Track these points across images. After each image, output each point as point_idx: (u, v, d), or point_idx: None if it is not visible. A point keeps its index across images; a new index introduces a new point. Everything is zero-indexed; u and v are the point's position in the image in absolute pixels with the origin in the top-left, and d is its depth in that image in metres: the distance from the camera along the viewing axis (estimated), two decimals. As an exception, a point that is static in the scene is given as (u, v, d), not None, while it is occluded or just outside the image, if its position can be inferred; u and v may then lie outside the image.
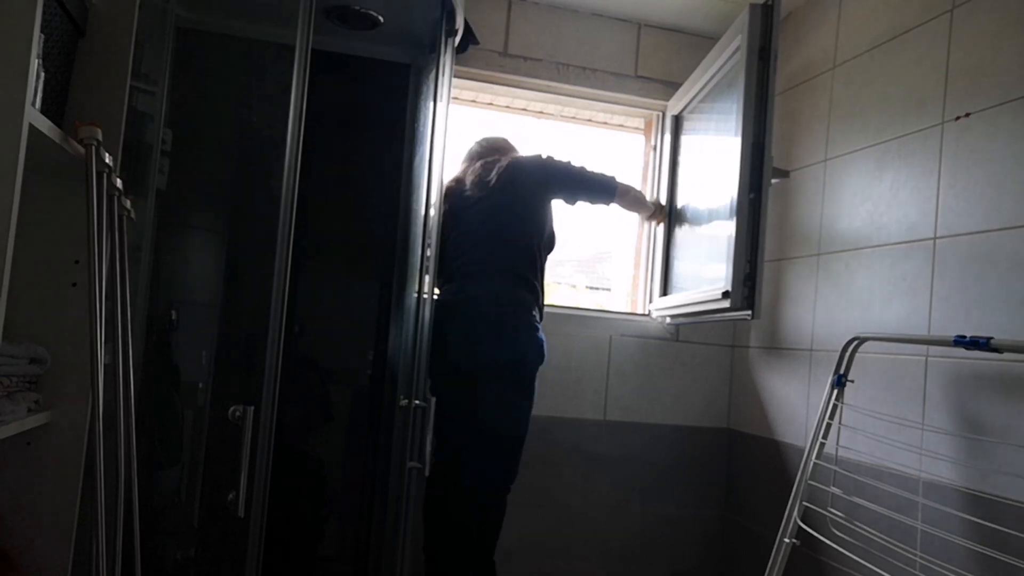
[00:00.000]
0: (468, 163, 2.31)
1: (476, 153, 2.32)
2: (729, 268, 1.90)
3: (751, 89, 1.91)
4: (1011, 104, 1.58)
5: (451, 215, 2.19)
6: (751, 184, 1.89)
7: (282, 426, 1.72)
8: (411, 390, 1.95)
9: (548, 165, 2.22)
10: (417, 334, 1.98)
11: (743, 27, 1.96)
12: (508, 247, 2.11)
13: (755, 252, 1.87)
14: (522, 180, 2.17)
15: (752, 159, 1.90)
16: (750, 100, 1.91)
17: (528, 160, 2.24)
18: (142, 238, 1.77)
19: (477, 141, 2.36)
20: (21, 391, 1.20)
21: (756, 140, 1.90)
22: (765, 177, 1.89)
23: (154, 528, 1.88)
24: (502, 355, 2.02)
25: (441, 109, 2.06)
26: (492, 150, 2.30)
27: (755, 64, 1.92)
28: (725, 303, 1.92)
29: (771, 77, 1.89)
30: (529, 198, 2.17)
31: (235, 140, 2.17)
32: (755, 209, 1.89)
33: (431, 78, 2.10)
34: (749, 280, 1.88)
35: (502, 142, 2.35)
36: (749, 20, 1.93)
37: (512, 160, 2.21)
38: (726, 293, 1.91)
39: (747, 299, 1.88)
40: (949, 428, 1.65)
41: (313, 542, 2.35)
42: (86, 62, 1.32)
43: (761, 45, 1.92)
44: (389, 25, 2.12)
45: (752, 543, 2.39)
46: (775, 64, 1.90)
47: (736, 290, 1.88)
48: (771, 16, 1.90)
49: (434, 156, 2.03)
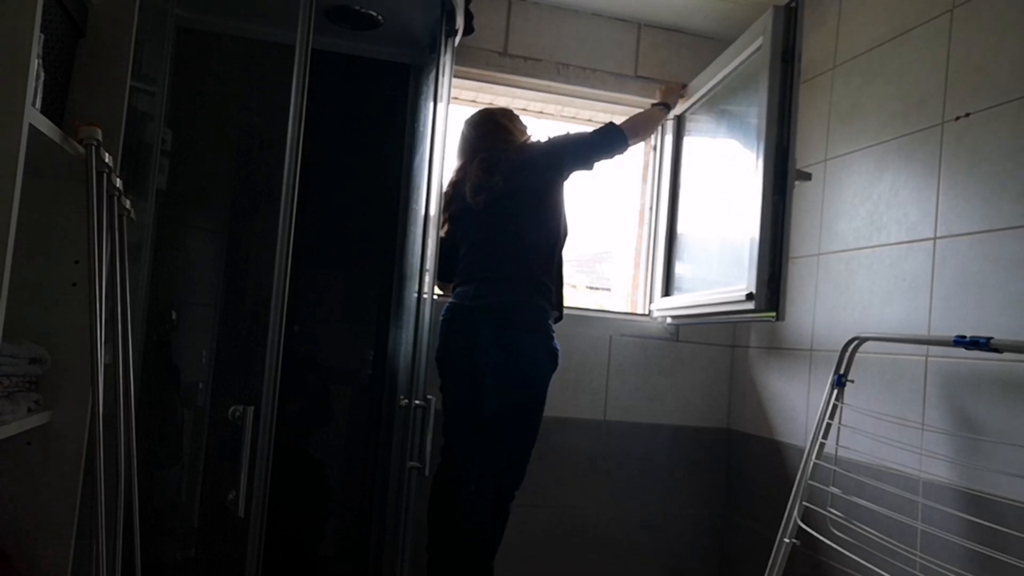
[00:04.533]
0: (463, 158, 2.22)
1: (470, 142, 2.21)
2: (752, 270, 1.88)
3: (775, 91, 1.89)
4: (1011, 104, 1.58)
5: (457, 219, 2.14)
6: (775, 187, 1.88)
7: (282, 426, 1.72)
8: (411, 390, 1.94)
9: (553, 145, 2.13)
10: (417, 334, 1.98)
11: (765, 29, 1.94)
12: (520, 252, 2.04)
13: (780, 255, 1.87)
14: (531, 174, 2.08)
15: (776, 162, 1.88)
16: (773, 102, 1.89)
17: (530, 149, 2.15)
18: (142, 238, 1.77)
19: (467, 122, 2.25)
20: (21, 391, 1.20)
21: (780, 143, 1.88)
22: (789, 180, 1.87)
23: (154, 528, 1.87)
24: (511, 364, 1.99)
25: (441, 109, 2.05)
26: (487, 137, 2.18)
27: (778, 66, 1.89)
28: (749, 305, 1.89)
29: (795, 80, 1.87)
30: (541, 189, 2.09)
31: (235, 140, 2.17)
32: (779, 212, 1.88)
33: (431, 78, 2.10)
34: (774, 282, 1.86)
35: (493, 124, 2.21)
36: (772, 22, 1.91)
37: (515, 154, 2.11)
38: (750, 295, 1.89)
39: (772, 301, 1.86)
40: (949, 428, 1.65)
41: (313, 542, 2.35)
42: (86, 62, 1.32)
43: (784, 47, 1.89)
44: (389, 25, 2.11)
45: (752, 543, 2.39)
46: (799, 66, 1.88)
47: (760, 292, 1.86)
48: (795, 18, 1.88)
49: (434, 156, 2.03)
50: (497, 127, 2.20)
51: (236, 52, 2.14)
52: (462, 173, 2.20)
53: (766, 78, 1.91)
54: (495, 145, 2.15)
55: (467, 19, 2.17)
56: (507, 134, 2.19)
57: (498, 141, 2.16)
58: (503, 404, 1.99)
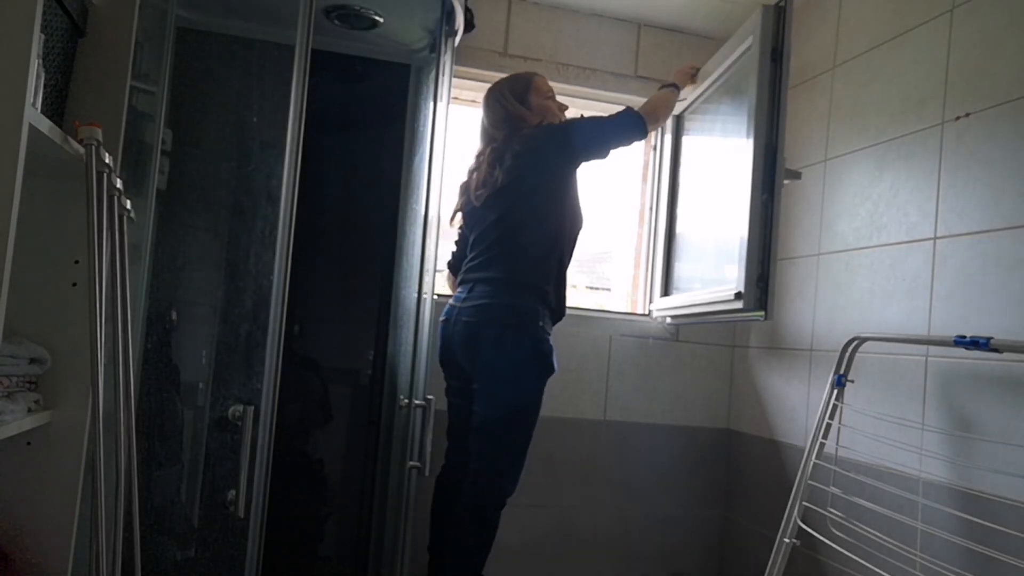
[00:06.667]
0: (480, 144, 2.12)
1: (484, 127, 2.10)
2: (741, 269, 1.89)
3: (763, 90, 1.90)
4: (1011, 104, 1.58)
5: (465, 215, 2.09)
6: (763, 185, 1.89)
7: (282, 426, 1.72)
8: (411, 390, 1.94)
9: (566, 133, 1.98)
10: (417, 334, 1.98)
11: (755, 28, 1.94)
12: (513, 252, 1.95)
13: (768, 254, 1.87)
14: (537, 164, 1.96)
15: (765, 160, 1.89)
16: (762, 101, 1.90)
17: (538, 137, 1.99)
18: (142, 238, 1.77)
19: (483, 101, 2.11)
20: (21, 391, 1.20)
21: (769, 141, 1.89)
22: (778, 179, 1.88)
23: (154, 528, 1.88)
24: (495, 368, 1.91)
25: (441, 109, 2.05)
26: (499, 126, 2.05)
27: (767, 65, 1.90)
28: (737, 304, 1.90)
29: (783, 79, 1.88)
30: (547, 182, 1.97)
31: (235, 140, 2.17)
32: (768, 211, 1.88)
33: (431, 78, 2.10)
34: (762, 281, 1.87)
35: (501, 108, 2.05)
36: (761, 21, 1.91)
37: (519, 145, 1.97)
38: (739, 294, 1.89)
39: (760, 300, 1.87)
40: (949, 428, 1.65)
41: (313, 542, 2.35)
42: (86, 62, 1.32)
43: (773, 46, 1.90)
44: (389, 25, 2.12)
45: (752, 543, 2.39)
46: (787, 66, 1.88)
47: (749, 291, 1.87)
48: (783, 17, 1.89)
49: (434, 156, 2.03)
50: (507, 112, 2.04)
51: (236, 52, 2.14)
52: (477, 162, 2.10)
53: (755, 77, 1.92)
54: (507, 135, 2.03)
55: (466, 16, 2.17)
56: (517, 120, 2.03)
57: (510, 130, 2.03)
58: (488, 408, 1.92)
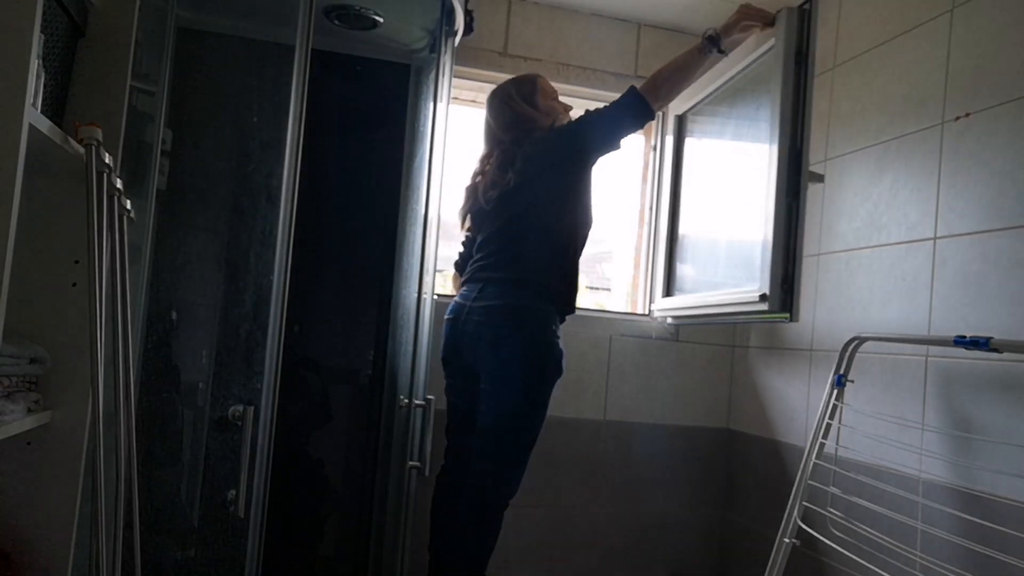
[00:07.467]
0: (486, 147, 2.12)
1: (490, 129, 2.09)
2: (766, 272, 1.88)
3: (788, 93, 1.87)
4: (1011, 104, 1.58)
5: (473, 216, 2.09)
6: (788, 188, 1.87)
7: (282, 426, 1.72)
8: (411, 390, 1.94)
9: (577, 132, 1.95)
10: (417, 334, 1.98)
11: (779, 29, 1.92)
12: (531, 254, 1.94)
13: (793, 256, 1.86)
14: (553, 163, 1.94)
15: (790, 164, 1.87)
16: (787, 104, 1.87)
17: (550, 139, 1.98)
18: (142, 238, 1.77)
19: (487, 103, 2.10)
20: (21, 391, 1.20)
21: (793, 144, 1.87)
22: (803, 182, 1.86)
23: (154, 528, 1.88)
24: (501, 368, 1.91)
25: (441, 109, 2.05)
26: (508, 129, 2.04)
27: (792, 68, 1.88)
28: (762, 306, 1.88)
29: (809, 81, 1.86)
30: (560, 183, 1.95)
31: (235, 140, 2.17)
32: (792, 213, 1.87)
33: (431, 78, 2.10)
34: (787, 283, 1.86)
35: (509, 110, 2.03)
36: (786, 23, 1.89)
37: (531, 147, 1.96)
38: (764, 296, 1.88)
39: (785, 302, 1.86)
40: (949, 428, 1.65)
41: (313, 542, 2.35)
42: (86, 62, 1.32)
43: (798, 48, 1.88)
44: (389, 25, 2.11)
45: (752, 543, 2.39)
46: (813, 68, 1.87)
47: (774, 293, 1.85)
48: (809, 19, 1.87)
49: (434, 156, 2.03)
50: (516, 115, 2.03)
51: (236, 52, 2.14)
52: (483, 165, 2.10)
53: (779, 79, 1.89)
54: (517, 137, 2.01)
55: (467, 18, 2.17)
56: (527, 122, 2.01)
57: (520, 132, 2.01)
58: (495, 409, 1.92)
